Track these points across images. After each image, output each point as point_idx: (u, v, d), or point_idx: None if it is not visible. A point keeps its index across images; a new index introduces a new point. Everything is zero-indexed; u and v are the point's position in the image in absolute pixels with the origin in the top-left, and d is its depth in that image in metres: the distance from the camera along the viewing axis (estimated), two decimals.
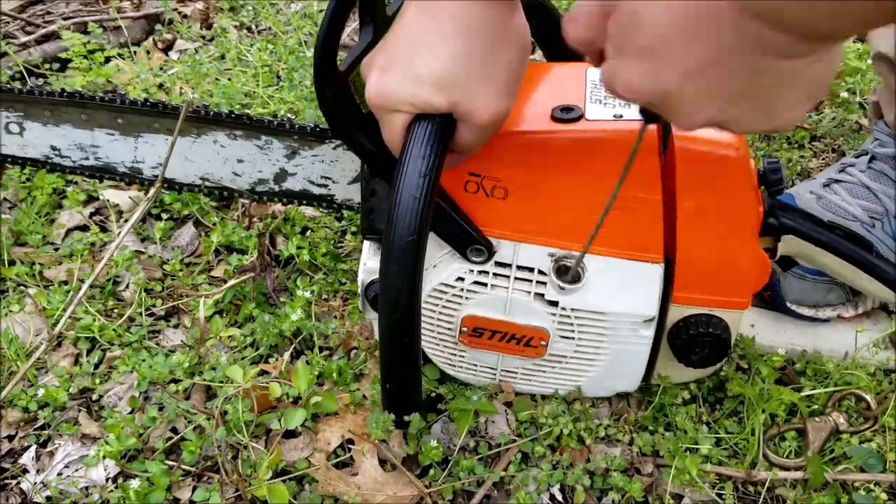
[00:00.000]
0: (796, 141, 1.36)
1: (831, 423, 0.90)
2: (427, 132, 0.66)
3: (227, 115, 1.02)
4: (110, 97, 1.04)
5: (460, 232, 0.78)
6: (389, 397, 0.83)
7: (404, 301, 0.69)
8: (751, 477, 0.86)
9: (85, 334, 1.03)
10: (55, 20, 1.67)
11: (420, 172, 0.65)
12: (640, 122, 0.70)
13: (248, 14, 1.69)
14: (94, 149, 1.08)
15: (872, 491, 0.85)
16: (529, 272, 0.80)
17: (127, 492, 0.84)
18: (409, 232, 0.66)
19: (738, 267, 0.81)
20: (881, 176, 1.03)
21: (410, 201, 0.65)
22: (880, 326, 1.01)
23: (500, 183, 0.78)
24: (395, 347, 0.74)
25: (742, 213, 0.79)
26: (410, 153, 0.66)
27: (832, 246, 0.86)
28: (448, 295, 0.82)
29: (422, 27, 0.63)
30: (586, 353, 0.85)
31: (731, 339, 0.84)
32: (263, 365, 0.99)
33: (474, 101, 0.65)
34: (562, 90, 0.82)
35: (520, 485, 0.86)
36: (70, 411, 0.96)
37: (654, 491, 0.87)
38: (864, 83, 1.45)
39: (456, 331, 0.85)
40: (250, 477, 0.86)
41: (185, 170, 1.07)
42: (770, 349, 0.97)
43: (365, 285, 0.85)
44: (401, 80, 0.65)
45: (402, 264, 0.67)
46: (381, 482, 0.86)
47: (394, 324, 0.72)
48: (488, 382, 0.92)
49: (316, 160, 1.03)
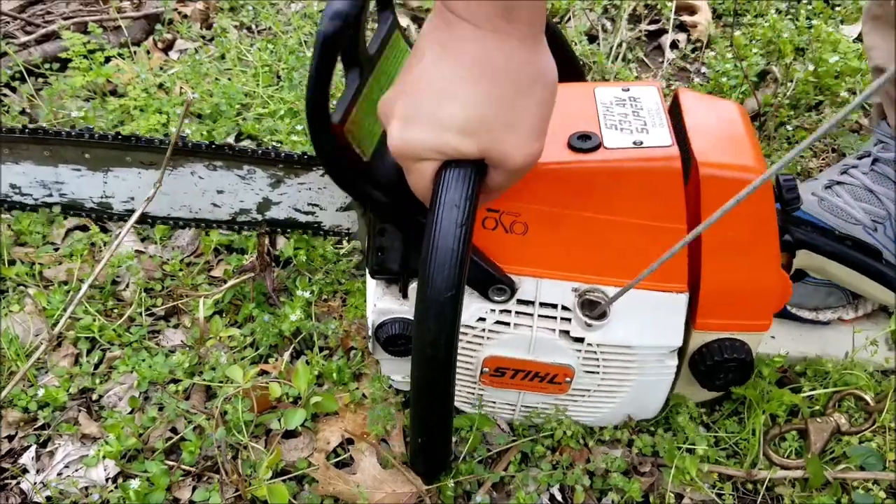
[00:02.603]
0: (796, 141, 1.36)
1: (833, 424, 0.90)
2: (459, 179, 0.62)
3: (206, 146, 0.97)
4: (78, 132, 0.97)
5: (481, 272, 0.75)
6: (420, 455, 0.78)
7: (443, 356, 0.64)
8: (751, 476, 0.86)
9: (85, 334, 1.03)
10: (55, 20, 1.67)
11: (456, 222, 0.61)
12: (666, 149, 0.67)
13: (248, 14, 1.69)
14: (59, 185, 1.01)
15: (871, 490, 0.85)
16: (553, 308, 0.77)
17: (127, 492, 0.84)
18: (448, 287, 0.61)
19: (761, 290, 0.79)
20: (883, 179, 1.03)
21: (448, 254, 0.61)
22: (881, 327, 1.01)
23: (519, 218, 0.74)
24: (430, 404, 0.70)
25: (765, 236, 0.77)
26: (444, 202, 0.61)
27: (845, 258, 0.85)
28: (469, 336, 0.79)
29: (443, 72, 0.60)
30: (610, 387, 0.83)
31: (754, 362, 0.82)
32: (263, 365, 0.99)
33: (505, 145, 0.62)
34: (574, 115, 0.78)
35: (520, 485, 0.86)
36: (70, 411, 0.96)
37: (655, 491, 0.87)
38: (864, 83, 1.45)
39: (476, 371, 0.82)
40: (250, 477, 0.86)
41: (160, 203, 1.00)
42: (771, 351, 0.97)
43: (375, 326, 0.81)
44: (426, 130, 0.61)
45: (440, 319, 0.62)
46: (380, 480, 0.86)
47: (431, 382, 0.67)
48: (508, 419, 0.90)
49: (303, 188, 0.99)
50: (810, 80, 1.43)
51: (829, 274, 0.88)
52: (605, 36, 1.63)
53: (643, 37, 1.67)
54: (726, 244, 0.76)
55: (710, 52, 1.59)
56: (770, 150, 1.34)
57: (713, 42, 1.61)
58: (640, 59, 1.59)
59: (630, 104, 0.79)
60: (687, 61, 1.61)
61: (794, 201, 0.81)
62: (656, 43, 1.66)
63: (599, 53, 1.55)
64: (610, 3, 1.73)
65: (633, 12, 1.72)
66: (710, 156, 0.75)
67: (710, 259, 0.76)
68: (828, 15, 1.63)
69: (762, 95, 1.42)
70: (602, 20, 1.67)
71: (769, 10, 1.63)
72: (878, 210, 1.01)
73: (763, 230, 0.77)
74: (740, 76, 1.44)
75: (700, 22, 1.66)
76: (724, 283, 0.77)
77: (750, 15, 1.67)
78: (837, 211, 1.02)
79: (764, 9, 1.67)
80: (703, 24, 1.65)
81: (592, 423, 0.90)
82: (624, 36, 1.61)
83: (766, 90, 1.45)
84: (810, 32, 1.53)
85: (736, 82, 1.45)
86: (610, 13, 1.71)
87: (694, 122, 0.79)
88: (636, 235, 0.74)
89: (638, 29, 1.67)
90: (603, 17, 1.69)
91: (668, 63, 1.59)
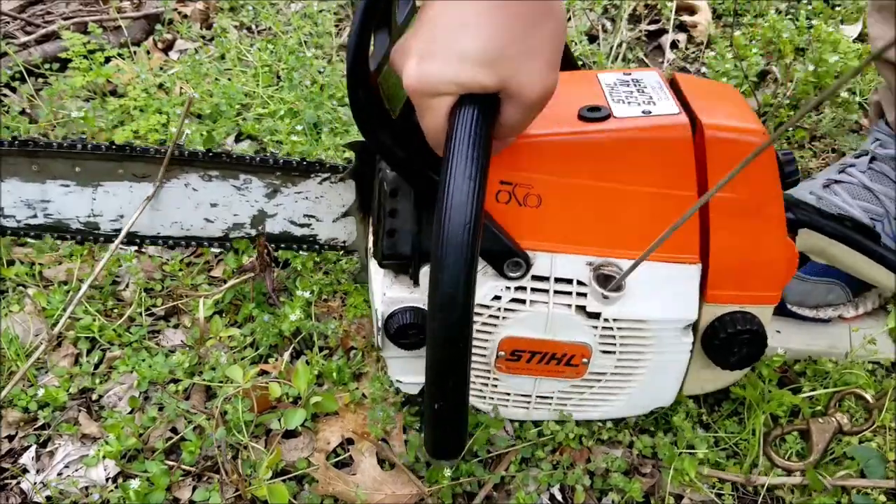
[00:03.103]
0: (796, 141, 1.36)
1: (834, 424, 0.90)
2: (474, 117, 0.60)
3: (202, 154, 0.94)
4: (69, 143, 0.93)
5: (496, 245, 0.74)
6: (438, 424, 0.69)
7: (462, 300, 0.60)
8: (749, 481, 0.86)
9: (85, 334, 1.03)
10: (55, 20, 1.68)
11: (472, 157, 0.59)
12: (675, 116, 0.65)
13: (248, 14, 1.69)
14: (45, 204, 0.96)
15: (870, 493, 0.85)
16: (568, 284, 0.76)
17: (127, 492, 0.84)
18: (467, 220, 0.58)
19: (769, 260, 0.78)
20: (881, 177, 1.03)
21: (464, 195, 0.58)
22: (881, 324, 1.01)
23: (532, 190, 0.73)
24: (450, 355, 0.63)
25: (772, 202, 0.77)
26: (460, 140, 0.60)
27: (844, 237, 0.85)
28: (484, 317, 0.77)
29: (459, 7, 0.61)
30: (627, 368, 0.82)
31: (767, 335, 0.81)
32: (263, 365, 0.99)
33: (524, 75, 0.62)
34: (580, 93, 0.79)
35: (520, 485, 0.86)
36: (70, 411, 0.96)
37: (656, 493, 0.87)
38: (864, 83, 1.45)
39: (492, 356, 0.81)
40: (250, 477, 0.86)
41: (151, 220, 0.98)
42: (771, 351, 0.97)
43: (385, 317, 0.79)
44: (444, 63, 0.61)
45: (457, 255, 0.59)
46: (380, 481, 0.86)
47: (451, 326, 0.62)
48: (521, 414, 0.89)
49: (300, 197, 0.98)
50: (810, 80, 1.43)
51: (830, 256, 0.88)
52: (605, 36, 1.63)
53: (643, 37, 1.67)
54: (733, 211, 0.75)
55: (710, 52, 1.59)
56: None
57: (713, 42, 1.61)
58: (640, 59, 1.59)
59: (633, 84, 0.80)
60: (687, 61, 1.61)
61: (793, 174, 0.80)
62: (656, 43, 1.66)
63: (599, 53, 1.55)
64: (610, 3, 1.73)
65: (633, 12, 1.72)
66: (714, 120, 0.75)
67: (718, 227, 0.76)
68: (828, 15, 1.63)
69: (762, 95, 1.42)
70: (602, 20, 1.67)
71: (769, 10, 1.63)
72: (876, 208, 1.01)
73: (769, 196, 0.76)
74: (740, 76, 1.44)
75: (700, 22, 1.66)
76: (732, 253, 0.77)
77: (750, 15, 1.67)
78: (836, 209, 1.02)
79: (764, 9, 1.67)
80: (703, 24, 1.65)
81: (606, 416, 0.89)
82: (624, 36, 1.62)
83: (766, 90, 1.45)
84: (810, 32, 1.53)
85: (736, 82, 1.45)
86: (610, 13, 1.71)
87: (694, 95, 0.79)
88: (648, 204, 0.74)
89: (638, 29, 1.67)
90: (603, 17, 1.69)
91: (668, 63, 1.59)
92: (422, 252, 0.77)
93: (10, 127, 1.33)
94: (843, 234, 0.85)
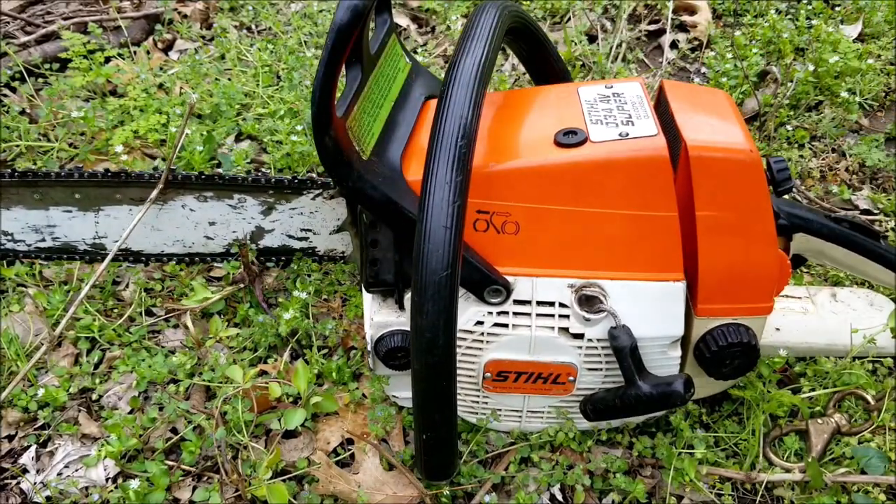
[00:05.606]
0: (796, 141, 1.36)
1: (833, 424, 0.90)
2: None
3: (196, 177, 0.96)
4: (66, 172, 0.96)
5: (475, 274, 0.74)
6: (428, 452, 0.75)
7: (442, 341, 0.64)
8: (749, 479, 0.86)
9: (85, 334, 1.03)
10: (55, 20, 1.68)
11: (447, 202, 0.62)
12: (651, 139, 0.64)
13: (248, 14, 1.69)
14: (51, 229, 1.00)
15: (870, 492, 0.85)
16: (550, 307, 0.77)
17: (127, 492, 0.84)
18: (443, 267, 0.62)
19: (760, 271, 0.78)
20: None
21: (440, 237, 0.62)
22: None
23: (510, 217, 0.74)
24: (434, 392, 0.67)
25: (760, 215, 0.77)
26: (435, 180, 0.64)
27: (841, 238, 0.85)
28: (468, 341, 0.79)
29: None
30: (615, 384, 0.82)
31: (759, 346, 0.81)
32: (263, 365, 0.99)
33: None
34: (559, 113, 0.79)
35: (520, 485, 0.86)
36: (70, 411, 0.96)
37: (656, 493, 0.87)
38: (864, 83, 1.45)
39: (479, 377, 0.82)
40: (250, 477, 0.86)
41: (153, 240, 1.01)
42: (771, 350, 0.96)
43: (374, 341, 0.81)
44: None
45: (436, 301, 0.62)
46: (381, 481, 0.86)
47: (431, 366, 0.66)
48: (514, 427, 0.89)
49: (294, 213, 0.99)
50: (810, 80, 1.43)
51: (828, 257, 0.87)
52: (604, 36, 1.63)
53: (643, 37, 1.67)
54: (721, 228, 0.76)
55: (710, 52, 1.59)
56: (770, 150, 1.34)
57: (713, 42, 1.61)
58: (639, 59, 1.59)
59: (614, 100, 0.79)
60: (687, 61, 1.61)
61: (786, 182, 0.80)
62: (656, 43, 1.66)
63: (599, 54, 1.55)
64: (610, 3, 1.73)
65: (632, 12, 1.72)
66: (699, 137, 0.74)
67: (706, 242, 0.76)
68: (828, 15, 1.63)
69: (762, 95, 1.42)
70: (602, 20, 1.67)
71: (769, 10, 1.63)
72: None
73: (757, 209, 0.76)
74: (740, 76, 1.44)
75: (700, 22, 1.66)
76: (721, 266, 0.77)
77: (750, 15, 1.67)
78: None
79: (764, 9, 1.67)
80: (703, 24, 1.65)
81: (599, 426, 0.89)
82: (624, 36, 1.62)
83: (766, 90, 1.45)
84: (810, 32, 1.53)
85: (736, 82, 1.45)
86: (610, 13, 1.71)
87: (680, 108, 0.79)
88: (628, 226, 0.74)
89: (638, 29, 1.67)
90: (603, 17, 1.69)
91: (668, 63, 1.59)
92: (405, 279, 0.78)
93: (10, 127, 1.33)
94: (840, 236, 0.85)
